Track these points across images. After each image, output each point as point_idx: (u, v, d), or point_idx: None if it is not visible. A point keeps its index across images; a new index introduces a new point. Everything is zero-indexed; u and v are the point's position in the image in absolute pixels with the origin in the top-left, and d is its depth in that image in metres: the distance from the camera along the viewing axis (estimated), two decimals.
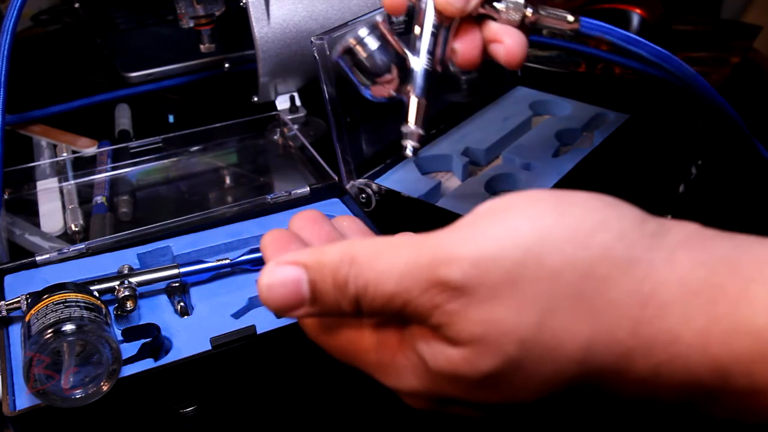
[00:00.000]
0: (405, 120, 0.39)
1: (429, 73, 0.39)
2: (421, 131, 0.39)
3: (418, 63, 0.38)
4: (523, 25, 0.39)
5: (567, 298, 0.24)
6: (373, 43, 0.37)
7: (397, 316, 0.27)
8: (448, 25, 0.38)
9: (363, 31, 0.36)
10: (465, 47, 0.38)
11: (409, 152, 0.39)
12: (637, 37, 0.43)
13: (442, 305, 0.25)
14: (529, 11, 0.39)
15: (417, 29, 0.38)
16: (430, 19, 0.37)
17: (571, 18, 0.41)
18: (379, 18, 0.37)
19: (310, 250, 0.28)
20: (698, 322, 0.24)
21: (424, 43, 0.38)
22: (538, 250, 0.24)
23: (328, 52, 0.54)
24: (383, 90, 0.38)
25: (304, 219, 0.35)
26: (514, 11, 0.38)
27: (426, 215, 0.55)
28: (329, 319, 0.30)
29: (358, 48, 0.37)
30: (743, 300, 0.23)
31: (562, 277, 0.24)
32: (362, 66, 0.37)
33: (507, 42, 0.38)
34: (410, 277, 0.25)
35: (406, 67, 0.38)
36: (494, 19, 0.38)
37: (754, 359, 0.23)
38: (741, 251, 0.25)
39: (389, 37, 0.37)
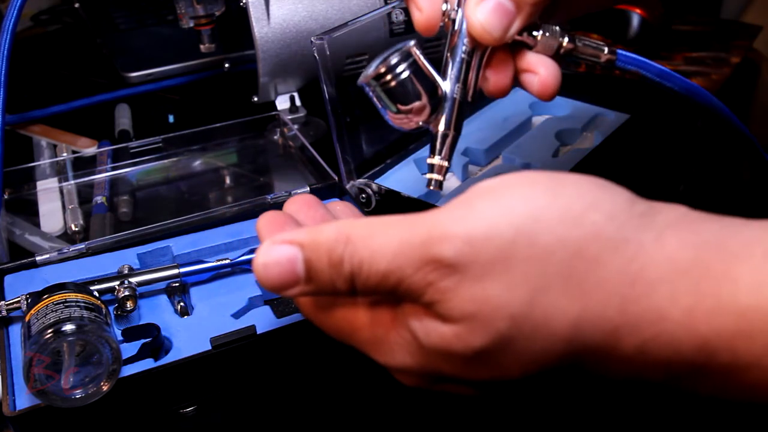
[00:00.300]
0: (432, 153, 0.36)
1: (460, 104, 0.36)
2: (446, 164, 0.37)
3: (449, 93, 0.35)
4: (557, 55, 0.37)
5: (558, 277, 0.25)
6: (404, 73, 0.34)
7: (391, 294, 0.27)
8: (482, 51, 0.35)
9: (394, 59, 0.34)
10: (497, 76, 0.37)
11: (432, 186, 0.37)
12: (671, 72, 0.42)
13: (434, 282, 0.25)
14: (565, 40, 0.37)
15: (448, 55, 0.36)
16: (462, 46, 0.35)
17: (606, 50, 0.39)
18: (411, 43, 0.34)
19: (305, 229, 0.28)
20: (684, 300, 0.24)
21: (455, 73, 0.35)
22: (531, 229, 0.25)
23: (328, 53, 0.54)
24: (410, 121, 0.35)
25: (298, 202, 0.35)
26: (552, 39, 0.36)
27: None
28: (324, 298, 0.30)
29: (388, 77, 0.34)
30: (727, 279, 0.24)
31: (553, 256, 0.25)
32: (391, 95, 0.35)
33: (542, 73, 0.37)
34: (404, 255, 0.26)
35: (436, 95, 0.35)
36: (529, 47, 0.36)
37: (737, 336, 0.23)
38: (727, 232, 0.25)
39: (421, 64, 0.34)
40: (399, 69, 0.34)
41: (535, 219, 0.25)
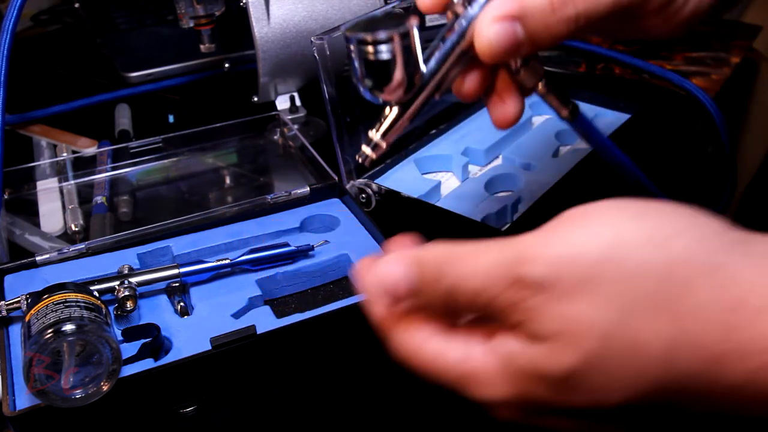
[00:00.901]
0: (376, 126, 0.36)
1: (428, 97, 0.35)
2: (384, 146, 0.36)
3: (425, 84, 0.35)
4: (525, 88, 0.37)
5: (647, 299, 0.24)
6: (386, 54, 0.33)
7: (483, 315, 0.28)
8: (470, 55, 0.35)
9: (383, 34, 0.32)
10: (471, 84, 0.37)
11: (360, 159, 0.36)
12: (609, 145, 0.43)
13: (521, 302, 0.26)
14: (542, 83, 0.37)
15: (439, 43, 0.35)
16: (455, 45, 0.34)
17: (567, 111, 0.39)
18: (411, 23, 0.33)
19: (411, 251, 0.30)
20: None
21: (435, 65, 0.35)
22: (617, 252, 0.25)
23: (328, 53, 0.54)
24: (377, 94, 0.35)
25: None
26: (534, 76, 0.37)
27: (426, 215, 0.55)
28: (418, 338, 0.30)
29: (370, 48, 0.33)
30: None
31: (640, 278, 0.24)
32: (368, 66, 0.34)
33: (508, 106, 0.37)
34: (494, 275, 0.26)
35: (413, 81, 0.34)
36: (512, 72, 0.36)
37: None
38: None
39: (412, 48, 0.33)
40: (383, 48, 0.33)
41: (622, 241, 0.25)
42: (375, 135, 0.36)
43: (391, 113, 0.35)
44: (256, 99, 0.71)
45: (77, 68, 0.89)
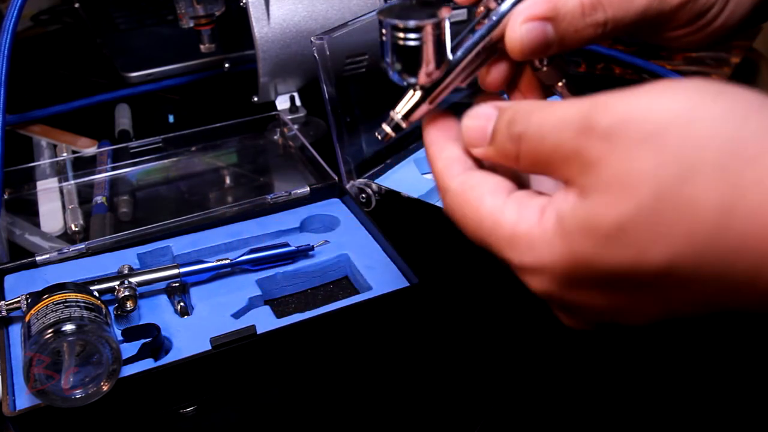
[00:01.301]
0: (399, 105, 0.36)
1: (453, 85, 0.36)
2: (404, 126, 0.36)
3: (450, 71, 0.35)
4: (546, 87, 0.38)
5: (709, 166, 0.24)
6: (415, 41, 0.33)
7: (545, 170, 0.29)
8: (497, 50, 0.36)
9: (414, 22, 0.33)
10: (496, 75, 0.37)
11: (379, 135, 0.37)
12: None
13: (585, 150, 0.26)
14: (562, 82, 0.38)
15: (468, 35, 0.35)
16: (484, 37, 0.35)
17: None
18: (442, 15, 0.33)
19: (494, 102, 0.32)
20: None
21: (461, 55, 0.35)
22: (689, 117, 0.25)
23: (328, 53, 0.54)
24: (403, 77, 0.35)
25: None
26: (557, 75, 0.38)
27: (426, 215, 0.55)
28: (480, 190, 0.31)
29: (400, 35, 0.33)
30: None
31: (707, 146, 0.24)
32: (397, 50, 0.34)
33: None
34: (566, 120, 0.27)
35: (440, 68, 0.35)
36: (534, 68, 0.37)
37: None
38: None
39: (442, 39, 0.34)
40: (414, 35, 0.33)
41: (697, 111, 0.25)
42: (396, 114, 0.36)
43: (415, 96, 0.36)
44: (256, 99, 0.71)
45: (77, 68, 0.89)
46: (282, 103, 0.72)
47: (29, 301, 0.42)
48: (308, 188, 0.57)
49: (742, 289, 0.25)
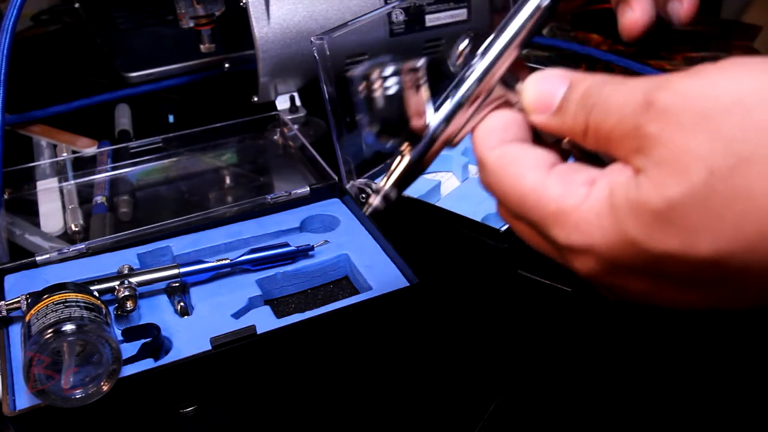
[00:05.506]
0: (386, 176, 0.33)
1: (438, 144, 0.33)
2: (394, 196, 0.33)
3: (432, 128, 0.32)
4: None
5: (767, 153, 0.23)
6: (392, 88, 0.31)
7: (605, 147, 0.28)
8: (485, 97, 0.32)
9: (390, 69, 0.31)
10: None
11: (367, 210, 0.34)
12: None
13: (644, 126, 0.26)
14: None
15: (455, 92, 0.32)
16: (467, 91, 0.32)
17: None
18: (420, 62, 0.31)
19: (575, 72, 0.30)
20: None
21: (447, 112, 0.32)
22: (753, 100, 0.24)
23: (328, 53, 0.54)
24: (381, 137, 0.33)
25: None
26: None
27: (426, 215, 0.55)
28: (522, 162, 0.30)
29: (375, 84, 0.31)
30: None
31: (766, 132, 0.24)
32: (370, 103, 0.32)
33: (635, 10, 0.37)
34: (632, 95, 0.27)
35: (419, 124, 0.32)
36: (510, 106, 0.33)
37: None
38: None
39: (416, 87, 0.31)
40: (388, 82, 0.31)
41: (759, 93, 0.24)
42: (384, 184, 0.33)
43: (402, 162, 0.33)
44: (256, 99, 0.71)
45: (77, 68, 0.89)
46: (282, 103, 0.72)
47: (29, 301, 0.42)
48: (308, 188, 0.57)
49: None
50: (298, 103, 0.72)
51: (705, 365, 0.45)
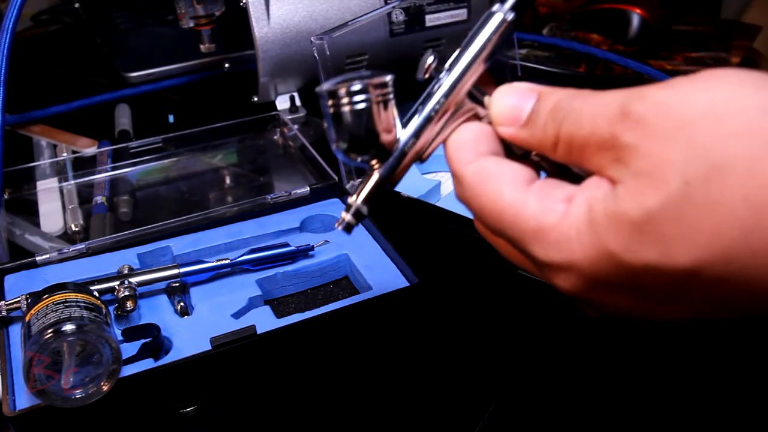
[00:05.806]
0: (356, 192, 0.33)
1: (408, 159, 0.33)
2: (365, 212, 0.34)
3: (401, 143, 0.32)
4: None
5: (741, 161, 0.23)
6: (360, 104, 0.31)
7: (577, 159, 0.28)
8: (453, 111, 0.32)
9: (357, 85, 0.31)
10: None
11: (339, 226, 0.34)
12: None
13: (619, 137, 0.26)
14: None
15: (418, 107, 0.32)
16: (436, 105, 0.32)
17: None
18: (387, 78, 0.31)
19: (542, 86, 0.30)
20: None
21: (416, 127, 0.32)
22: (726, 109, 0.24)
23: (328, 53, 0.54)
24: (349, 154, 0.32)
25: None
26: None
27: (426, 215, 0.55)
28: (498, 179, 0.30)
29: (343, 100, 0.31)
30: None
31: (741, 140, 0.24)
32: (338, 120, 0.31)
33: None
34: (606, 105, 0.27)
35: (388, 140, 0.32)
36: (479, 119, 0.33)
37: None
38: None
39: (384, 104, 0.31)
40: (356, 98, 0.31)
41: (735, 103, 0.24)
42: (355, 200, 0.33)
43: (372, 178, 0.33)
44: (256, 99, 0.71)
45: (77, 68, 0.89)
46: (282, 103, 0.72)
47: (29, 301, 0.42)
48: (308, 188, 0.57)
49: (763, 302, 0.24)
50: (298, 103, 0.72)
51: (703, 369, 0.45)
